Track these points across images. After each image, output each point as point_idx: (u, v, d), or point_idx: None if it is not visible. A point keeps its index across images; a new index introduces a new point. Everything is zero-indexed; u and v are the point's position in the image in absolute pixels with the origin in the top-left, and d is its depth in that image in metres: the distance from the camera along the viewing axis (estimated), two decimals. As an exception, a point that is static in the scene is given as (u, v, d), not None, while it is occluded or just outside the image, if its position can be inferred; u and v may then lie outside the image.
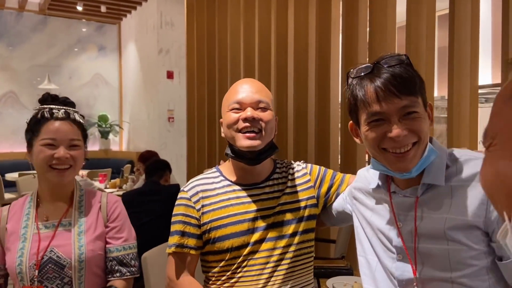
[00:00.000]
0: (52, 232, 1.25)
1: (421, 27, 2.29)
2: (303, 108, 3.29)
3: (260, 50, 3.69)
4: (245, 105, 1.15)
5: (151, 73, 6.97)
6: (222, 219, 1.16)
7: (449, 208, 0.92)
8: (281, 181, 1.24)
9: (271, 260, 1.15)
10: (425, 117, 0.94)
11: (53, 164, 1.24)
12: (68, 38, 7.87)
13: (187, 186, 1.23)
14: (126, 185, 4.51)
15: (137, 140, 7.71)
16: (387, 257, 1.02)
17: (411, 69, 0.93)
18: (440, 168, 0.94)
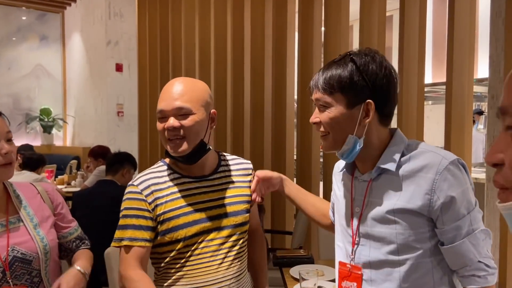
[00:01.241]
0: (4, 232, 1.20)
1: (373, 27, 2.41)
2: (260, 104, 3.34)
3: (216, 45, 3.69)
4: (166, 113, 1.18)
5: (98, 65, 6.70)
6: (174, 210, 1.20)
7: (398, 195, 1.01)
8: (227, 174, 1.32)
9: (222, 247, 1.23)
10: (343, 112, 1.02)
11: (1, 163, 1.17)
12: (7, 27, 7.37)
13: (136, 181, 1.24)
14: (75, 182, 4.33)
15: (83, 135, 7.40)
16: (346, 241, 1.10)
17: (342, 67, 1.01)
18: (395, 155, 1.03)
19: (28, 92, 7.59)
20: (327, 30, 2.76)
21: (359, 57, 1.01)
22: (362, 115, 1.01)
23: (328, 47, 2.76)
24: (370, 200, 1.05)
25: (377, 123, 1.04)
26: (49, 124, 7.54)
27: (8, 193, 1.26)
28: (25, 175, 3.43)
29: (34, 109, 7.60)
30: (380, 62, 1.01)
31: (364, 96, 1.00)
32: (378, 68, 1.00)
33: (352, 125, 1.01)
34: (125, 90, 6.52)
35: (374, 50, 1.04)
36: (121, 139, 6.38)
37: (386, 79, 1.01)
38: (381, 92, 1.01)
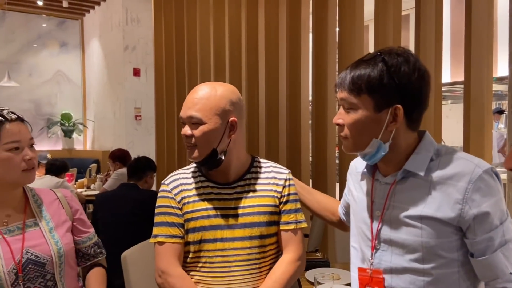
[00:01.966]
0: (20, 235, 1.23)
1: (388, 26, 2.38)
2: (274, 106, 3.33)
3: (231, 48, 3.70)
4: (183, 120, 1.22)
5: (116, 70, 6.81)
6: (195, 212, 1.23)
7: (425, 202, 0.96)
8: (253, 181, 1.29)
9: (238, 259, 1.21)
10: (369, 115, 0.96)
11: (24, 168, 1.22)
12: (28, 34, 7.57)
13: (167, 180, 1.30)
14: (95, 185, 4.40)
15: (103, 139, 7.53)
16: (365, 245, 1.06)
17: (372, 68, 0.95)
18: (424, 159, 0.98)
19: (49, 98, 7.78)
20: (342, 31, 2.74)
21: (391, 57, 0.95)
22: (389, 120, 0.96)
23: (342, 48, 2.73)
24: (392, 204, 1.01)
25: (405, 128, 0.99)
26: (69, 128, 7.70)
27: (27, 197, 1.30)
28: (46, 179, 3.52)
29: (55, 114, 7.77)
30: (414, 63, 0.95)
31: (393, 100, 0.94)
32: (411, 70, 0.94)
33: (378, 129, 0.96)
34: (142, 94, 6.61)
35: (408, 51, 0.98)
36: (139, 142, 6.46)
37: (419, 82, 0.95)
38: (412, 96, 0.95)
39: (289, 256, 1.26)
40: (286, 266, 1.25)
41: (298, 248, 1.28)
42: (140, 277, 1.61)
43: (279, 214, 1.28)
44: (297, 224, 1.28)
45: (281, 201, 1.28)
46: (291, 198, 1.30)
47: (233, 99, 1.23)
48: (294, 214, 1.29)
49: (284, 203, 1.28)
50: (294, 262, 1.26)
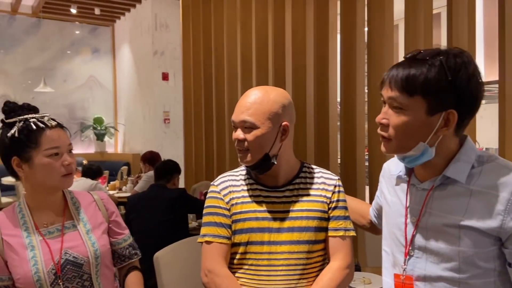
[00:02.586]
0: (59, 236, 1.28)
1: (419, 25, 2.34)
2: (302, 109, 3.32)
3: (257, 51, 3.72)
4: (235, 124, 1.22)
5: (146, 75, 6.96)
6: (243, 214, 1.24)
7: (465, 210, 0.92)
8: (303, 186, 1.28)
9: (285, 263, 1.20)
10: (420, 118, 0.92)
11: (64, 173, 1.26)
12: (62, 41, 7.84)
13: (217, 181, 1.32)
14: (126, 187, 4.51)
15: (133, 142, 7.70)
16: (398, 250, 1.04)
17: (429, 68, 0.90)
18: (465, 166, 0.94)
19: (82, 103, 8.03)
20: (371, 31, 2.70)
21: (449, 58, 0.89)
22: (440, 125, 0.91)
23: (372, 48, 2.70)
24: (429, 210, 0.98)
25: (452, 133, 0.95)
26: (101, 132, 7.91)
27: (66, 200, 1.35)
28: (81, 182, 3.63)
29: (88, 118, 8.01)
30: (473, 68, 0.90)
31: (448, 104, 0.89)
32: (471, 75, 0.89)
33: (427, 133, 0.92)
34: (171, 98, 6.73)
35: (466, 53, 0.92)
36: (168, 145, 6.58)
37: (476, 88, 0.90)
38: (469, 102, 0.90)
39: (337, 263, 1.22)
40: (334, 273, 1.21)
41: (347, 256, 1.24)
42: (173, 278, 1.64)
43: (328, 220, 1.26)
44: (346, 231, 1.25)
45: (330, 206, 1.26)
46: (340, 205, 1.27)
47: (285, 103, 1.23)
48: (343, 221, 1.26)
49: (333, 209, 1.26)
50: (343, 270, 1.22)
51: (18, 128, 1.23)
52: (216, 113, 4.33)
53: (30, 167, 1.24)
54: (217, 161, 4.32)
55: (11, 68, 7.36)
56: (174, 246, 1.71)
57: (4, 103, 1.30)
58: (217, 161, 4.32)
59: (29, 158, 1.23)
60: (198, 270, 1.28)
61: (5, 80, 7.31)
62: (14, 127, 1.24)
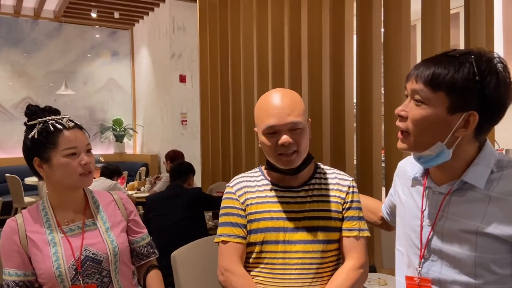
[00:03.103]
0: (80, 233, 1.32)
1: (436, 25, 2.32)
2: (318, 110, 3.32)
3: (273, 53, 3.74)
4: (279, 128, 1.18)
5: (164, 77, 7.06)
6: (258, 214, 1.25)
7: (482, 217, 0.91)
8: (317, 187, 1.29)
9: (299, 262, 1.21)
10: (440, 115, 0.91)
11: (81, 172, 1.30)
12: (83, 44, 8.01)
13: (232, 182, 1.34)
14: (144, 188, 4.58)
15: (151, 143, 7.81)
16: (412, 252, 1.04)
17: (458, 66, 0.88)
18: (484, 171, 0.93)
19: (102, 104, 8.18)
20: (387, 31, 2.69)
21: (481, 59, 0.88)
22: (459, 125, 0.89)
23: (388, 48, 2.68)
24: (446, 215, 0.97)
25: (472, 137, 0.93)
26: (120, 133, 8.05)
27: (87, 199, 1.39)
28: (99, 181, 3.71)
29: (107, 120, 8.16)
30: (504, 75, 0.88)
31: (470, 105, 0.88)
32: (501, 80, 0.87)
33: (445, 132, 0.90)
34: (188, 100, 6.81)
35: (500, 58, 0.90)
36: (185, 146, 6.65)
37: (505, 94, 0.88)
38: (493, 106, 0.88)
39: (351, 263, 1.22)
40: (348, 273, 1.21)
41: (361, 256, 1.24)
42: (189, 276, 1.67)
43: (342, 221, 1.27)
44: (360, 231, 1.26)
45: (344, 207, 1.27)
46: (354, 205, 1.28)
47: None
48: (357, 221, 1.27)
49: (347, 210, 1.27)
50: (357, 270, 1.22)
51: (37, 130, 1.29)
52: (233, 115, 4.36)
53: (50, 167, 1.29)
54: (233, 162, 4.35)
55: (34, 71, 7.56)
56: (191, 245, 1.75)
57: (27, 106, 1.36)
58: (233, 162, 4.35)
59: (48, 158, 1.28)
60: (214, 269, 1.30)
61: (28, 83, 7.51)
62: (35, 129, 1.29)
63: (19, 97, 7.39)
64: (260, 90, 3.90)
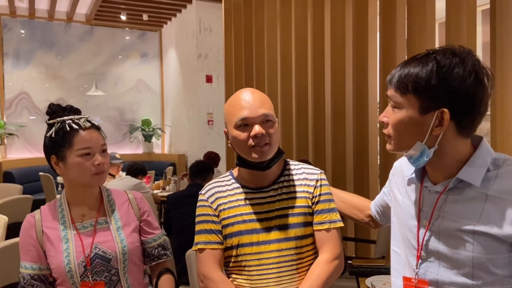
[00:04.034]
0: (92, 231, 1.35)
1: (462, 23, 2.25)
2: (341, 109, 3.29)
3: (297, 51, 3.72)
4: (251, 120, 1.20)
5: (190, 77, 7.15)
6: (231, 218, 1.27)
7: (479, 216, 0.90)
8: (286, 184, 1.30)
9: (274, 261, 1.22)
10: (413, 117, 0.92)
11: (94, 172, 1.33)
12: (113, 47, 8.22)
13: (203, 190, 1.35)
14: (169, 187, 4.66)
15: (179, 143, 7.93)
16: (410, 253, 1.02)
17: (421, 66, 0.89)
18: (480, 169, 0.91)
19: (131, 105, 8.37)
20: (411, 29, 2.63)
21: (445, 56, 0.88)
22: (434, 124, 0.90)
23: (412, 46, 2.62)
24: (442, 214, 0.95)
25: (455, 134, 0.91)
26: (149, 133, 8.21)
27: (102, 197, 1.43)
28: (125, 180, 3.80)
29: (136, 120, 8.34)
30: (472, 66, 0.87)
31: (440, 103, 0.88)
32: (467, 73, 0.86)
33: (422, 132, 0.91)
34: (214, 100, 6.88)
35: (467, 51, 0.90)
36: (211, 146, 6.72)
37: (474, 86, 0.87)
38: (464, 100, 0.87)
39: (325, 256, 1.24)
40: (322, 266, 1.23)
41: (334, 248, 1.26)
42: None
43: (313, 215, 1.28)
44: (331, 223, 1.27)
45: (313, 201, 1.28)
46: (322, 198, 1.29)
47: None
48: (327, 214, 1.27)
49: (316, 204, 1.28)
50: (331, 262, 1.24)
51: (55, 129, 1.33)
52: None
53: (65, 165, 1.33)
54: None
55: (67, 73, 7.82)
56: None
57: (48, 105, 1.41)
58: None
59: (64, 157, 1.32)
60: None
61: (61, 85, 7.78)
62: (53, 128, 1.34)
63: (53, 99, 7.65)
64: (283, 88, 3.90)
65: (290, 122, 3.83)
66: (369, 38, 3.05)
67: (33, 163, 6.97)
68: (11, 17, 7.37)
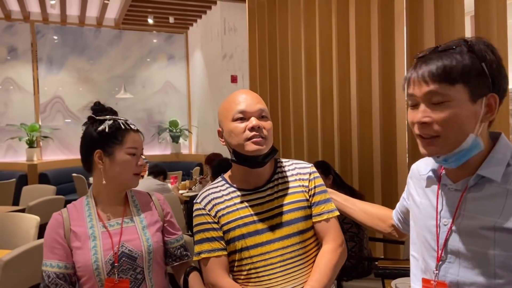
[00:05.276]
0: (119, 229, 1.39)
1: (492, 15, 2.15)
2: (367, 108, 3.22)
3: (321, 49, 3.68)
4: (249, 114, 1.24)
5: (216, 78, 7.21)
6: (231, 222, 1.26)
7: (500, 212, 0.87)
8: (281, 181, 1.31)
9: (281, 259, 1.22)
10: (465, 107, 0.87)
11: (136, 172, 1.40)
12: (141, 50, 8.40)
13: (199, 198, 1.34)
14: (195, 187, 4.71)
15: (205, 143, 8.01)
16: (428, 255, 0.99)
17: (460, 55, 0.87)
18: (501, 164, 0.89)
19: (159, 107, 8.53)
20: (439, 24, 2.54)
21: (473, 44, 0.88)
22: (484, 111, 0.88)
23: (440, 42, 2.53)
24: (463, 212, 0.92)
25: (487, 125, 0.91)
26: (176, 134, 8.34)
27: (127, 197, 1.47)
28: (147, 181, 3.87)
29: (164, 122, 8.49)
30: (494, 51, 0.89)
31: (487, 89, 0.87)
32: (497, 58, 0.89)
33: (474, 122, 0.87)
34: (240, 100, 6.89)
35: (484, 39, 0.91)
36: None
37: (504, 70, 0.89)
38: (502, 84, 0.89)
39: (330, 245, 1.27)
40: (328, 255, 1.25)
41: (336, 237, 1.28)
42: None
43: (311, 208, 1.30)
44: (329, 213, 1.29)
45: (309, 194, 1.30)
46: (317, 190, 1.31)
47: None
48: (324, 204, 1.30)
49: (312, 196, 1.30)
50: (336, 250, 1.26)
51: (108, 125, 1.39)
52: (282, 113, 4.35)
53: (111, 160, 1.38)
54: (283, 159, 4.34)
55: (97, 77, 8.05)
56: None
57: (94, 103, 1.47)
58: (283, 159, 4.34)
59: (112, 153, 1.38)
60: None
61: (93, 88, 8.01)
62: (104, 123, 1.39)
63: (85, 102, 7.88)
64: (308, 87, 3.87)
65: (315, 121, 3.79)
66: (395, 34, 2.98)
67: (67, 164, 7.21)
68: (44, 24, 7.64)
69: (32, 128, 7.20)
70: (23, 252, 1.91)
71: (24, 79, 7.52)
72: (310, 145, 3.81)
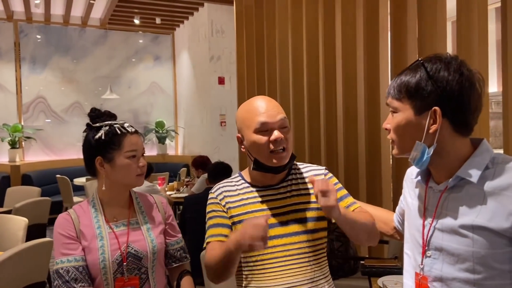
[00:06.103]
0: (125, 230, 1.43)
1: (473, 21, 2.24)
2: (352, 109, 3.29)
3: (308, 52, 3.73)
4: (271, 125, 1.26)
5: (203, 79, 7.22)
6: (241, 215, 1.30)
7: (478, 211, 0.95)
8: (295, 182, 1.35)
9: (287, 254, 1.26)
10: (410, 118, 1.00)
11: (139, 173, 1.43)
12: (127, 50, 8.34)
13: (213, 189, 1.39)
14: (183, 188, 4.71)
15: (192, 145, 8.00)
16: (417, 252, 1.07)
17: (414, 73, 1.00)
18: (478, 166, 0.97)
19: (145, 108, 8.48)
20: (422, 28, 2.62)
21: (431, 63, 0.99)
22: (429, 123, 0.99)
23: (423, 46, 2.62)
24: (444, 212, 1.01)
25: (452, 132, 0.99)
26: (163, 135, 8.31)
27: (132, 199, 1.51)
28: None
29: (150, 122, 8.44)
30: (456, 68, 0.97)
31: (431, 103, 0.98)
32: (451, 75, 0.97)
33: (420, 132, 1.00)
34: (227, 102, 6.92)
35: (453, 57, 1.00)
36: (224, 148, 6.77)
37: (459, 86, 0.96)
38: (451, 99, 0.97)
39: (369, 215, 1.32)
40: (365, 214, 1.30)
41: (371, 217, 1.32)
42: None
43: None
44: (354, 204, 1.35)
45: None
46: (336, 187, 1.31)
47: None
48: (346, 198, 1.36)
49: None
50: (371, 217, 1.31)
51: (104, 132, 1.41)
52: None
53: (112, 166, 1.41)
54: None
55: (82, 77, 7.96)
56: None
57: (91, 109, 1.49)
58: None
59: (112, 158, 1.41)
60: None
61: (77, 88, 7.92)
62: (101, 130, 1.41)
63: (69, 102, 7.81)
64: (295, 89, 3.92)
65: (302, 124, 3.84)
66: (380, 38, 3.05)
67: (50, 165, 7.12)
68: (27, 23, 7.54)
69: (15, 128, 7.09)
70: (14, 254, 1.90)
71: (6, 78, 7.40)
72: (296, 147, 3.86)
